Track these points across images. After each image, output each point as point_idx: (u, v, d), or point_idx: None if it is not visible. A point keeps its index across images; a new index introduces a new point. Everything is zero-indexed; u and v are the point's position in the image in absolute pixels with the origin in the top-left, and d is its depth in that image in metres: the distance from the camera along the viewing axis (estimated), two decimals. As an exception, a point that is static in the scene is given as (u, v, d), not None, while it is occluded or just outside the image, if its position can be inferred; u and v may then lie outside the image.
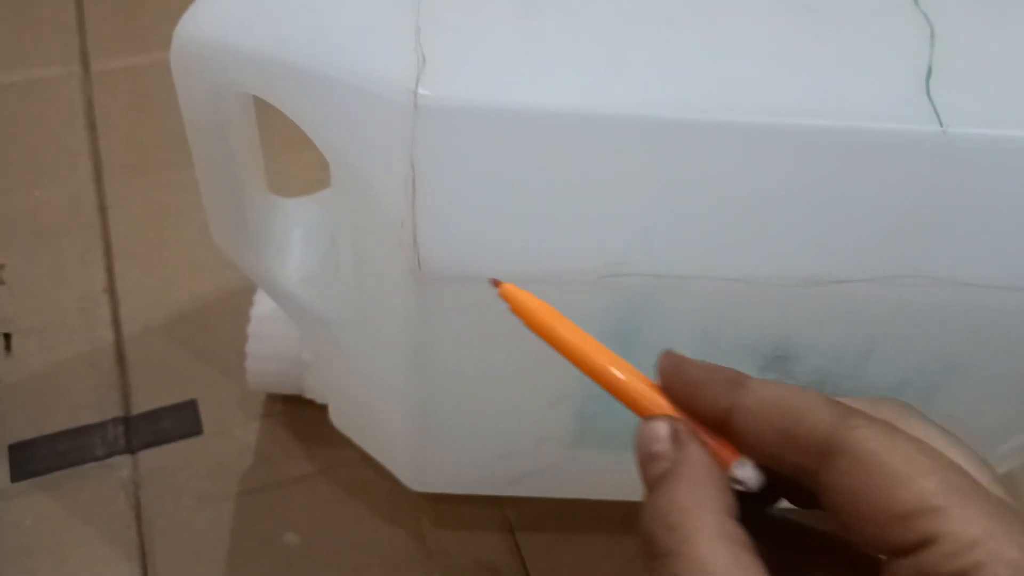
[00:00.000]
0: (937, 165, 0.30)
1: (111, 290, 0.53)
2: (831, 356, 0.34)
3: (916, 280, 0.31)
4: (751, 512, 0.23)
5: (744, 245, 0.31)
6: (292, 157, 0.43)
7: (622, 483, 0.41)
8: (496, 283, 0.27)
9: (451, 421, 0.37)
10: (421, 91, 0.29)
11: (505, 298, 0.27)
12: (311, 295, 0.39)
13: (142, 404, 0.49)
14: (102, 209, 0.56)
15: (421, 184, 0.29)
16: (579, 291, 0.32)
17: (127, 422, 0.48)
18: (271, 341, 0.44)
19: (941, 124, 0.30)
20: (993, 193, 0.30)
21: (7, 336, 0.50)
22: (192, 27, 0.32)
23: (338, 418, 0.44)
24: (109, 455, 0.47)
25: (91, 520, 0.45)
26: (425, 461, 0.40)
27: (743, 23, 0.32)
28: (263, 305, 0.45)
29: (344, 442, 0.45)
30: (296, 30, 0.31)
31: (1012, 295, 0.32)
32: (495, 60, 0.30)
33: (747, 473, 0.23)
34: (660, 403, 0.25)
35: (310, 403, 0.47)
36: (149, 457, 0.47)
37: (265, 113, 0.35)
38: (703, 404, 0.24)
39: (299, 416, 0.48)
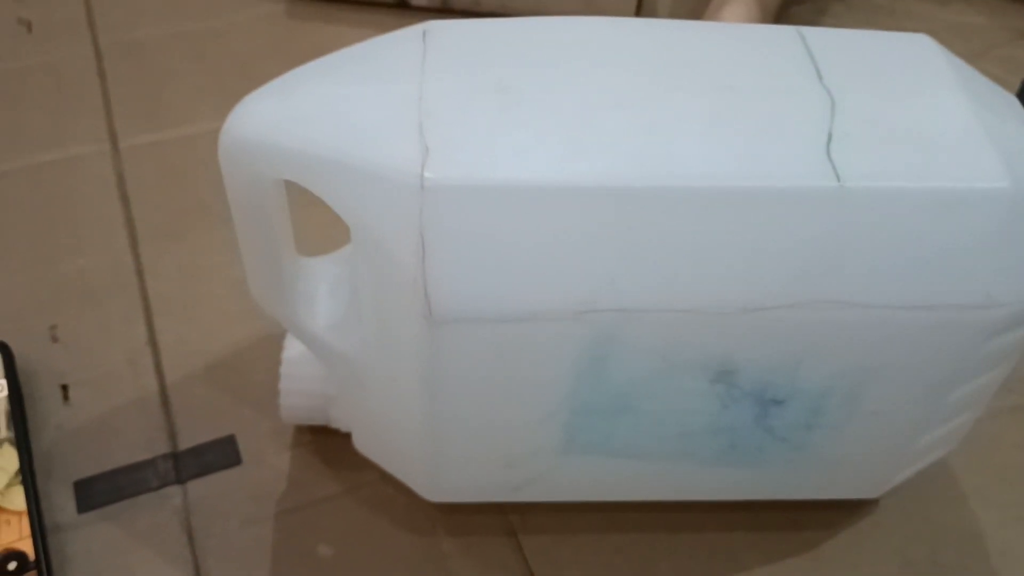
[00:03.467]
0: (838, 213, 0.38)
1: (153, 343, 0.60)
2: (767, 369, 0.41)
3: (829, 304, 0.39)
4: None
5: (690, 283, 0.39)
6: (306, 215, 0.50)
7: (609, 485, 0.49)
8: None
9: (460, 440, 0.45)
10: (426, 175, 0.37)
11: None
12: (337, 339, 0.46)
13: (187, 441, 0.56)
14: (139, 272, 0.64)
15: (429, 248, 0.37)
16: (559, 325, 0.39)
17: (175, 457, 0.54)
18: (301, 380, 0.51)
19: (839, 180, 0.38)
20: (884, 232, 0.38)
21: (64, 387, 0.57)
22: (236, 128, 0.40)
23: (360, 443, 0.51)
24: (162, 486, 0.53)
25: (150, 543, 0.51)
26: (438, 474, 0.47)
27: (678, 104, 0.40)
28: (292, 349, 0.52)
29: (366, 464, 0.52)
30: (322, 128, 0.39)
31: (906, 312, 0.40)
32: (483, 147, 0.38)
33: None
34: None
35: (335, 432, 0.54)
36: (197, 487, 0.54)
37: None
38: None
39: (326, 444, 0.55)
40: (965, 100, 0.41)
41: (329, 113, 0.39)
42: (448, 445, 0.45)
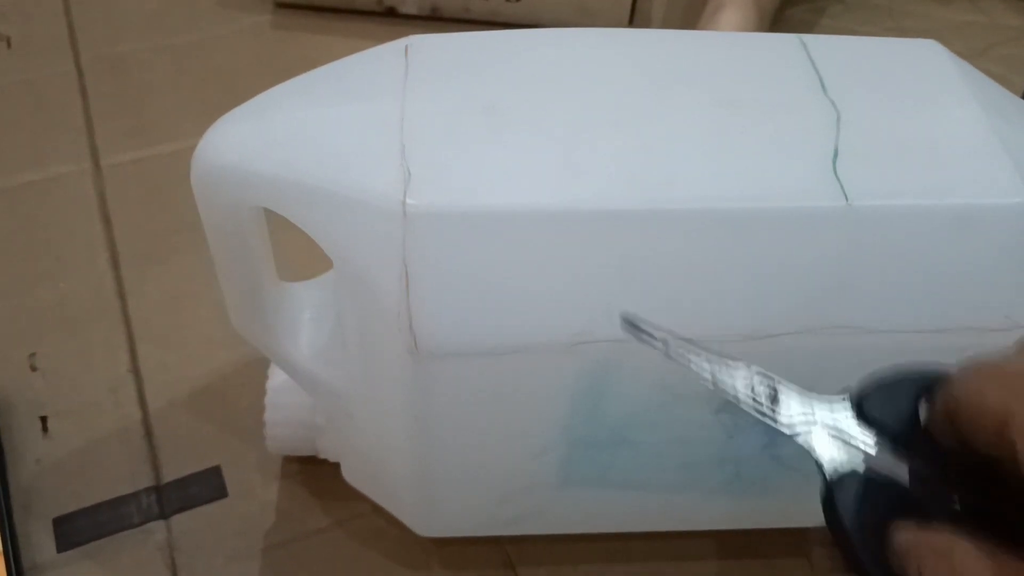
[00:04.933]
0: (846, 233, 0.36)
1: (135, 370, 0.58)
2: (774, 397, 0.39)
3: (836, 330, 0.37)
4: None
5: (691, 311, 0.37)
6: (289, 236, 0.48)
7: (604, 517, 0.46)
8: None
9: (451, 474, 0.43)
10: (409, 201, 0.34)
11: None
12: (322, 369, 0.44)
13: (171, 473, 0.54)
14: (122, 296, 0.61)
15: (413, 278, 0.35)
16: (553, 358, 0.37)
17: (159, 490, 0.52)
18: (287, 409, 0.49)
19: (847, 199, 0.36)
20: (893, 253, 0.36)
21: (44, 419, 0.54)
22: (209, 152, 0.38)
23: (350, 474, 0.49)
24: (144, 522, 0.51)
25: None
26: (430, 509, 0.45)
27: (676, 121, 0.38)
28: (278, 377, 0.50)
29: (356, 496, 0.50)
30: (299, 153, 0.37)
31: (921, 336, 0.37)
32: (469, 170, 0.35)
33: None
34: None
35: (324, 462, 0.52)
36: (181, 521, 0.51)
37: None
38: None
39: (315, 475, 0.53)
40: (977, 109, 0.39)
41: (305, 137, 0.37)
42: (439, 480, 0.43)
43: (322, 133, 0.37)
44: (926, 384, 0.31)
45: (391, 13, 0.80)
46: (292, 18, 0.81)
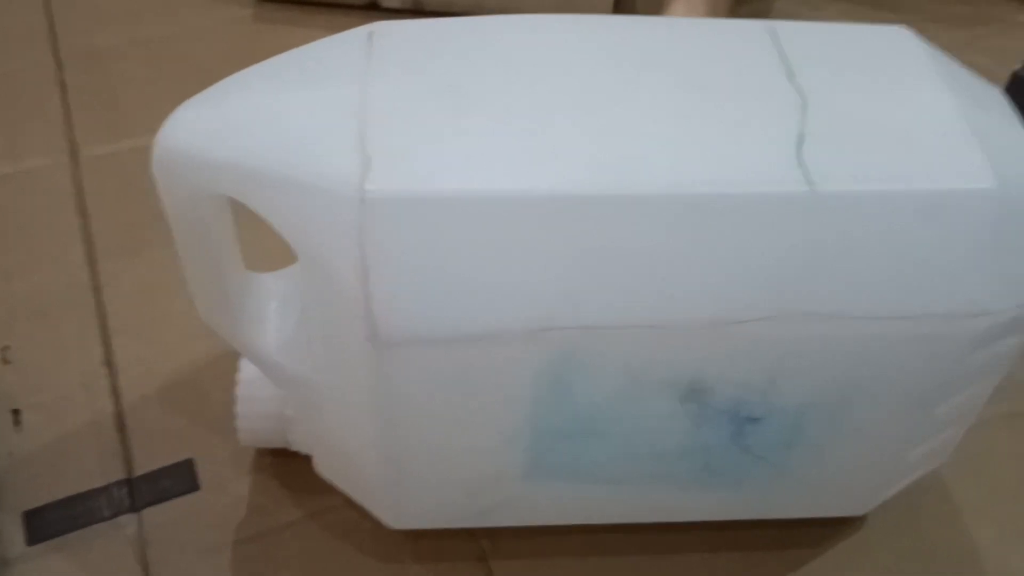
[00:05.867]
0: (811, 219, 0.35)
1: (109, 363, 0.57)
2: (741, 386, 0.39)
3: (803, 317, 0.36)
4: None
5: (655, 297, 0.36)
6: (260, 226, 0.48)
7: (577, 509, 0.46)
8: None
9: (419, 464, 0.42)
10: (367, 186, 0.34)
11: None
12: (288, 360, 0.43)
13: (143, 466, 0.53)
14: (96, 288, 0.61)
15: (372, 265, 0.34)
16: (516, 345, 0.37)
17: (130, 484, 0.51)
18: (258, 401, 0.49)
19: (811, 184, 0.35)
20: (859, 240, 0.36)
21: (16, 412, 0.54)
22: (169, 139, 0.38)
23: (321, 467, 0.49)
24: (115, 515, 0.50)
25: (103, 573, 0.49)
26: (399, 501, 0.45)
27: (641, 106, 0.37)
28: (248, 370, 0.49)
29: (328, 489, 0.49)
30: (258, 139, 0.36)
31: (888, 324, 0.37)
32: (430, 156, 0.35)
33: None
34: None
35: (296, 455, 0.51)
36: (152, 514, 0.51)
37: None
38: None
39: (287, 467, 0.53)
40: (948, 95, 0.39)
41: (264, 122, 0.37)
42: (407, 471, 0.42)
43: (282, 118, 0.37)
44: None
45: (373, 7, 0.80)
46: (274, 12, 0.81)
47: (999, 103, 0.42)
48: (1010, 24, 0.85)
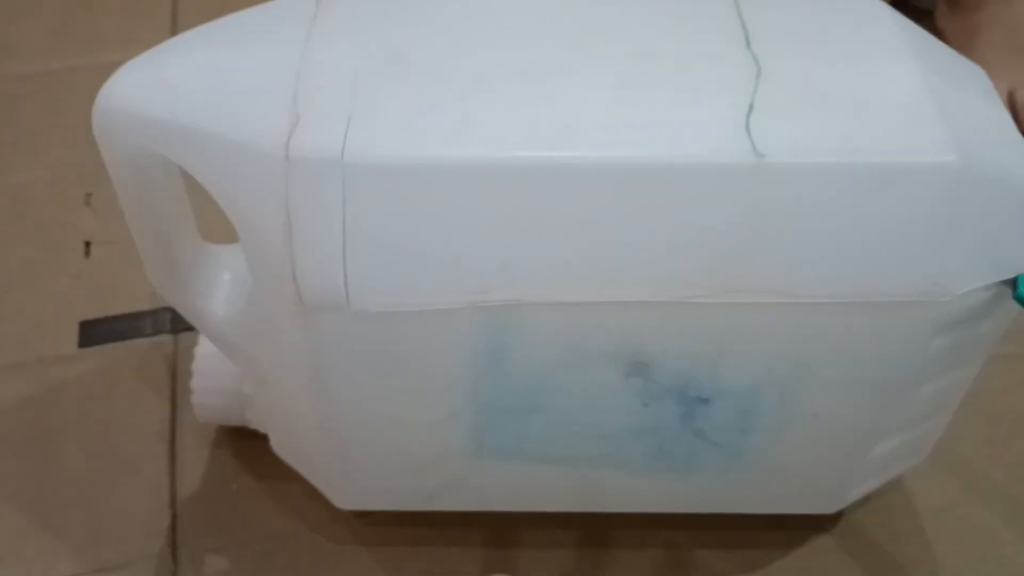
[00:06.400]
0: (757, 192, 0.34)
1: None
2: (686, 362, 0.37)
3: (745, 295, 0.35)
4: None
5: (592, 271, 0.35)
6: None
7: (527, 495, 0.45)
8: None
9: (361, 442, 0.41)
10: (292, 144, 0.33)
11: None
12: (235, 332, 0.43)
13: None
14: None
15: (296, 227, 0.34)
16: (451, 318, 0.35)
17: (174, 312, 0.54)
18: (214, 377, 0.48)
19: (757, 154, 0.34)
20: (809, 214, 0.34)
21: (88, 244, 0.61)
22: (109, 98, 0.37)
23: (277, 446, 0.48)
24: (156, 334, 0.57)
25: (138, 376, 0.55)
26: (346, 480, 0.44)
27: (587, 72, 0.36)
28: (207, 345, 0.49)
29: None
30: (193, 97, 0.36)
31: (836, 305, 0.35)
32: (362, 118, 0.34)
33: None
34: None
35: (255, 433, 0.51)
36: (187, 338, 0.56)
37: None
38: None
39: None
40: (914, 68, 0.37)
41: (201, 80, 0.36)
42: (350, 448, 0.41)
43: (218, 78, 0.36)
44: None
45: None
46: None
47: (977, 80, 0.40)
48: None
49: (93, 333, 0.57)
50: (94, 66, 0.69)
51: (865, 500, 0.48)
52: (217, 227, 0.45)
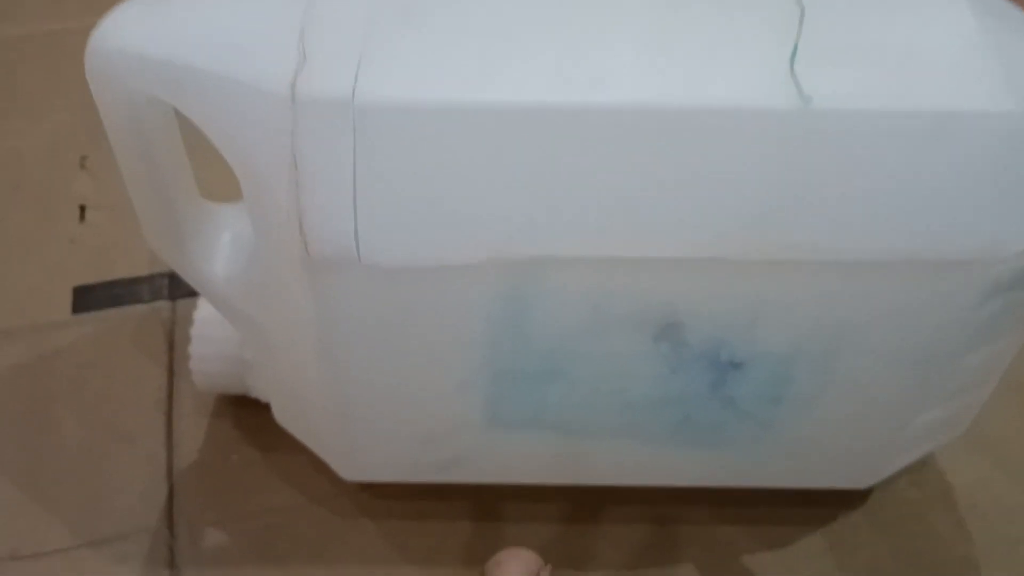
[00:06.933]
0: (801, 140, 0.31)
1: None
2: (720, 324, 0.35)
3: (787, 252, 0.32)
4: None
5: (622, 225, 0.32)
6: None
7: (548, 467, 0.42)
8: None
9: (368, 409, 0.39)
10: (299, 84, 0.31)
11: None
12: (237, 293, 0.40)
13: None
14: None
15: (304, 176, 0.31)
16: (468, 275, 0.33)
17: (171, 277, 0.55)
18: (214, 342, 0.46)
19: (803, 100, 0.31)
20: (856, 166, 0.32)
21: (82, 208, 0.59)
22: (104, 39, 0.34)
23: (279, 415, 0.46)
24: (153, 300, 0.55)
25: (134, 344, 0.53)
26: (352, 450, 0.42)
27: (620, 12, 0.33)
28: (207, 308, 0.46)
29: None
30: (194, 36, 0.33)
31: (886, 263, 0.33)
32: (375, 58, 0.31)
33: None
34: None
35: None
36: (185, 305, 0.54)
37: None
38: None
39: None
40: (969, 11, 0.34)
41: (202, 20, 0.33)
42: (357, 416, 0.39)
43: (219, 14, 0.33)
44: None
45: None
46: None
47: None
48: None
49: (88, 299, 0.55)
50: (90, 29, 0.68)
51: (895, 476, 0.46)
52: (217, 189, 0.43)
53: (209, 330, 0.46)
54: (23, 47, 0.69)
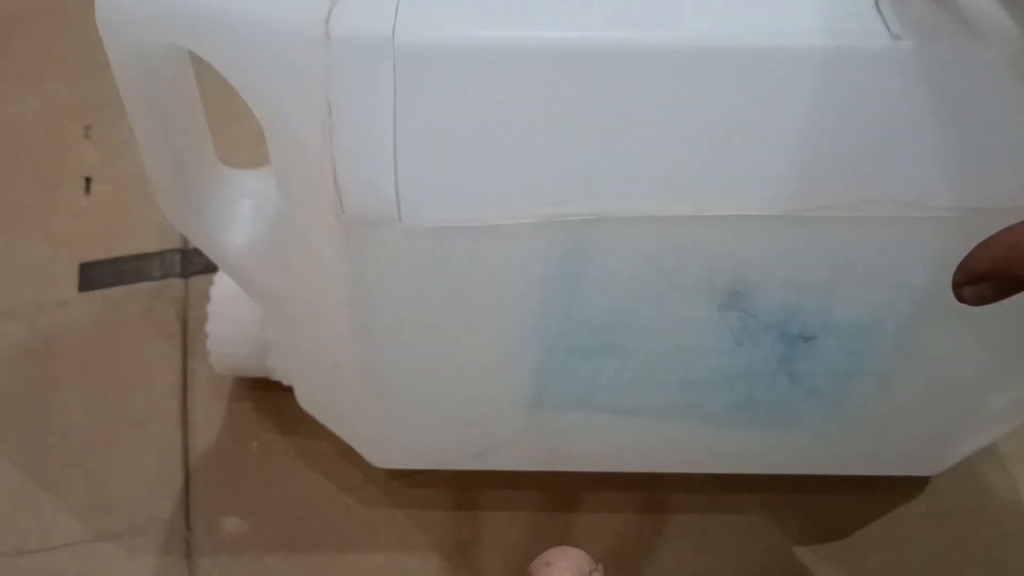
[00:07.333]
0: (889, 81, 0.28)
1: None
2: (793, 291, 0.32)
3: (873, 206, 0.29)
4: None
5: (690, 179, 0.29)
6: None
7: (593, 452, 0.39)
8: None
9: (404, 387, 0.36)
10: (333, 23, 0.28)
11: None
12: (259, 262, 0.37)
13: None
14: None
15: (339, 123, 0.28)
16: (516, 235, 0.30)
17: (184, 253, 0.53)
18: (233, 321, 0.43)
19: (893, 36, 0.28)
20: (950, 110, 0.29)
21: (88, 180, 0.57)
22: (114, -19, 0.31)
23: (303, 398, 0.43)
24: (164, 277, 0.53)
25: (144, 323, 0.50)
26: (384, 435, 0.39)
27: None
28: (224, 285, 0.44)
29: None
30: (213, -26, 0.30)
31: (981, 217, 0.30)
32: (415, -7, 0.28)
33: None
34: None
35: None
36: (198, 282, 0.52)
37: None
38: None
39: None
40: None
41: (222, -45, 0.30)
42: (391, 397, 0.36)
43: (241, -49, 0.30)
44: None
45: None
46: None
47: None
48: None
49: (94, 276, 0.53)
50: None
51: (955, 467, 0.43)
52: (236, 157, 0.40)
53: (227, 308, 0.43)
54: (24, 11, 0.66)
